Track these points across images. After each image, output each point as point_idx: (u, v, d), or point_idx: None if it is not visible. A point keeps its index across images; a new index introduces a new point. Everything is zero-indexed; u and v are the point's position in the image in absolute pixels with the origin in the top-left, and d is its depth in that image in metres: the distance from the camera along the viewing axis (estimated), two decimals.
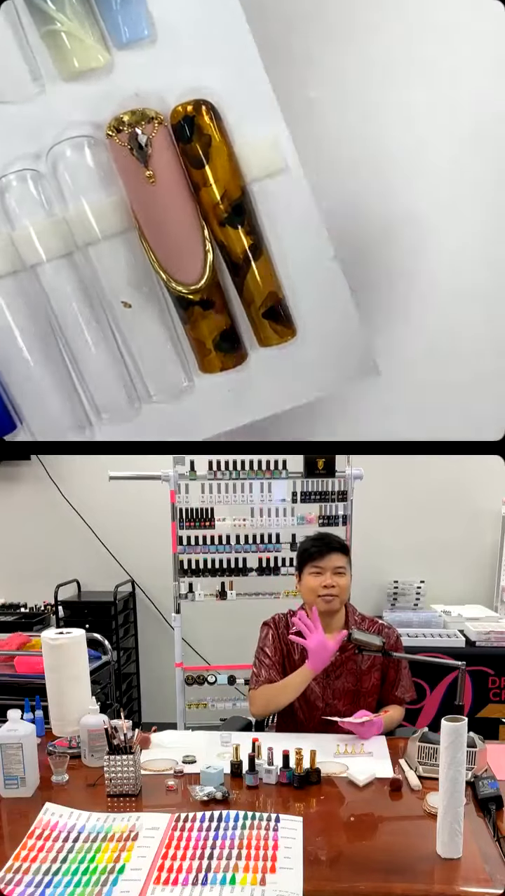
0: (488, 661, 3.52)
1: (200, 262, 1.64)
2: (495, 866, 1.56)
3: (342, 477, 3.49)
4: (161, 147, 1.58)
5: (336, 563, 2.31)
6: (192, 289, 1.65)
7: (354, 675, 2.30)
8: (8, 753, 1.88)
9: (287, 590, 3.51)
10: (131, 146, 1.57)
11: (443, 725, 1.61)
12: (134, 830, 1.69)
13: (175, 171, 1.61)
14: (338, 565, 2.31)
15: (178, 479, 3.46)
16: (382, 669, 2.33)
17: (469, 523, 4.09)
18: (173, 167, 1.60)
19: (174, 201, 1.61)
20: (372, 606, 3.95)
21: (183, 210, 1.62)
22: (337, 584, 2.29)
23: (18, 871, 1.55)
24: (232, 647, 3.50)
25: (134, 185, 1.60)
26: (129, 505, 4.01)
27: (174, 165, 1.61)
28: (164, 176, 1.60)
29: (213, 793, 1.84)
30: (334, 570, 2.30)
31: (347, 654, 2.30)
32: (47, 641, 2.12)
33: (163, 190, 1.60)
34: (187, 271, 1.64)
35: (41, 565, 4.10)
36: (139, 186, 1.60)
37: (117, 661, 3.84)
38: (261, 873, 1.52)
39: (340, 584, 2.30)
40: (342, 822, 1.78)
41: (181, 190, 1.62)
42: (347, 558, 2.35)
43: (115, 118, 1.58)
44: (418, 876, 1.56)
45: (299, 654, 2.31)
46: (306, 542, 2.42)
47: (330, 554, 2.31)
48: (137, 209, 1.62)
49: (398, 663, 2.33)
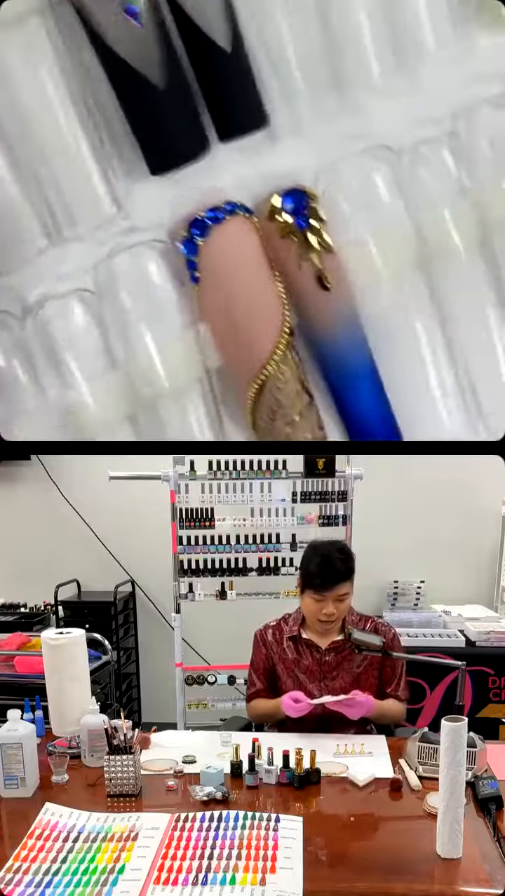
0: (488, 661, 3.51)
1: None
2: (495, 866, 1.56)
3: (342, 477, 3.49)
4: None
5: (339, 592, 2.25)
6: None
7: (350, 675, 2.30)
8: (8, 753, 1.88)
9: (287, 590, 3.50)
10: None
11: (443, 725, 1.61)
12: (134, 830, 1.69)
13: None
14: (341, 593, 2.25)
15: (178, 479, 3.46)
16: (379, 668, 2.32)
17: (469, 523, 4.08)
18: None
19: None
20: (372, 606, 3.95)
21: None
22: (337, 611, 2.26)
23: (18, 871, 1.55)
24: (232, 647, 3.48)
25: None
26: (129, 505, 4.01)
27: None
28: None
29: (213, 793, 1.84)
30: (336, 598, 2.25)
31: (344, 655, 2.30)
32: (47, 641, 2.12)
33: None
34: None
35: (41, 565, 4.10)
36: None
37: (117, 661, 3.84)
38: (261, 873, 1.52)
39: (340, 610, 2.27)
40: (342, 822, 1.78)
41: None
42: (352, 580, 2.28)
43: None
44: (418, 876, 1.56)
45: (283, 666, 2.32)
46: (312, 561, 2.28)
47: (334, 586, 2.24)
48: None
49: (394, 663, 2.32)
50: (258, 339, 1.51)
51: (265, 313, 1.51)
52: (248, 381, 1.52)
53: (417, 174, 1.54)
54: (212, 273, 1.51)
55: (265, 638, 2.38)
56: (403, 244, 1.55)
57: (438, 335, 1.59)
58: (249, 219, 1.52)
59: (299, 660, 2.32)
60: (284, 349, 1.50)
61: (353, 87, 1.53)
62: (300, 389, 1.52)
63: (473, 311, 1.58)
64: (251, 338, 1.51)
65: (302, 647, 2.33)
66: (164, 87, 1.45)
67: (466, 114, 1.54)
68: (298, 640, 2.33)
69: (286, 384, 1.50)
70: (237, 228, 1.50)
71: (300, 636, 2.33)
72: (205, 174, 1.54)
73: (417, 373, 1.59)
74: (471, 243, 1.56)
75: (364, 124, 1.54)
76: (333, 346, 1.54)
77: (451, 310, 1.59)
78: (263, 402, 1.51)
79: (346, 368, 1.55)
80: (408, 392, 1.60)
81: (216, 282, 1.51)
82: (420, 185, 1.55)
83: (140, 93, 1.46)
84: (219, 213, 1.50)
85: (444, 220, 1.54)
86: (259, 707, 2.35)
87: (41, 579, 3.96)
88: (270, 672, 2.36)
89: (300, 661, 2.31)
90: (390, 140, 1.55)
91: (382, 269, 1.54)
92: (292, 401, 1.51)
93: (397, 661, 2.32)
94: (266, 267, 1.51)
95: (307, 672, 2.30)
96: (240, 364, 1.54)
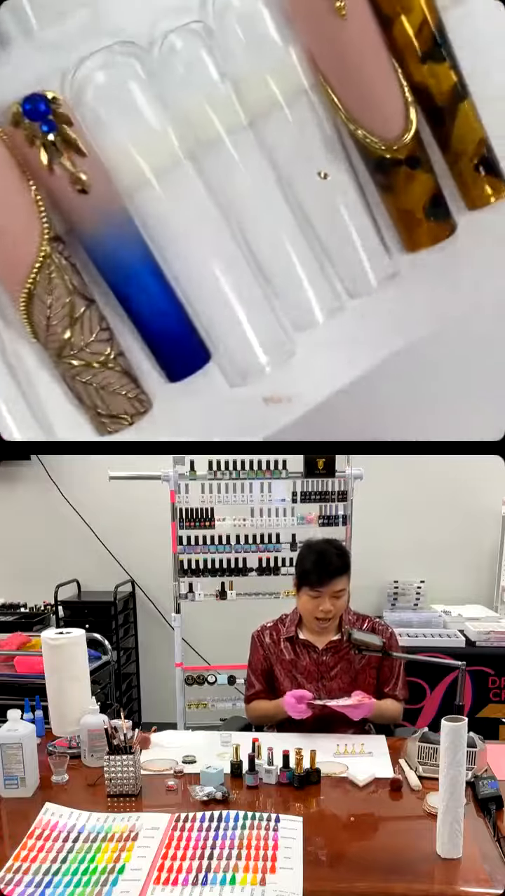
0: (488, 661, 3.51)
1: (401, 111, 1.38)
2: (495, 866, 1.56)
3: (342, 477, 3.49)
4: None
5: (335, 588, 2.25)
6: (396, 145, 1.37)
7: (349, 675, 2.30)
8: (8, 753, 1.88)
9: (287, 590, 3.50)
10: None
11: (443, 725, 1.61)
12: (134, 830, 1.69)
13: (364, 2, 1.35)
14: (337, 589, 2.25)
15: (178, 479, 3.46)
16: (378, 668, 2.32)
17: (469, 523, 4.08)
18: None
19: (367, 39, 1.34)
20: (372, 606, 3.95)
21: (377, 49, 1.35)
22: (334, 607, 2.26)
23: (18, 871, 1.55)
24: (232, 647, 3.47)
25: (318, 25, 1.34)
26: (129, 505, 4.01)
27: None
28: (354, 8, 1.32)
29: (213, 793, 1.84)
30: (333, 594, 2.25)
31: (342, 655, 2.30)
32: (47, 641, 2.12)
33: (354, 26, 1.33)
34: (387, 125, 1.38)
35: (41, 565, 4.10)
36: (325, 26, 1.34)
37: (117, 661, 3.84)
38: (261, 873, 1.52)
39: (337, 607, 2.27)
40: (342, 822, 1.78)
41: (373, 25, 1.35)
42: (348, 576, 2.29)
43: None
44: (418, 876, 1.56)
45: (280, 667, 2.32)
46: (307, 559, 2.29)
47: (330, 581, 2.24)
48: (321, 55, 1.37)
49: (392, 663, 2.31)
50: (19, 248, 1.46)
51: (23, 222, 1.46)
52: (17, 292, 1.49)
53: (170, 66, 1.48)
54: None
55: (262, 639, 2.38)
56: (161, 140, 1.49)
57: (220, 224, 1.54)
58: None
59: (297, 660, 2.31)
60: (47, 256, 1.46)
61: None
62: (72, 293, 1.49)
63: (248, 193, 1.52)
64: (11, 247, 1.47)
65: (299, 647, 2.33)
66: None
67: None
68: (295, 640, 2.33)
69: (54, 290, 1.47)
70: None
71: (297, 637, 2.33)
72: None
73: (201, 265, 1.54)
74: (235, 127, 1.49)
75: (104, 21, 1.47)
76: (104, 247, 1.50)
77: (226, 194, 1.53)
78: (35, 310, 1.49)
79: (122, 267, 1.51)
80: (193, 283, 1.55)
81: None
82: (173, 77, 1.48)
83: None
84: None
85: (203, 107, 1.48)
86: (259, 708, 2.35)
87: (41, 579, 3.95)
88: (268, 673, 2.36)
89: (297, 662, 2.31)
90: (135, 35, 1.47)
91: (143, 166, 1.49)
92: (65, 305, 1.49)
93: (395, 661, 2.32)
94: (17, 175, 1.45)
95: (305, 672, 2.30)
96: (7, 275, 1.50)
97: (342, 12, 1.33)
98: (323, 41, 1.37)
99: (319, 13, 1.35)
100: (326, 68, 1.40)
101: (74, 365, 1.52)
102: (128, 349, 1.58)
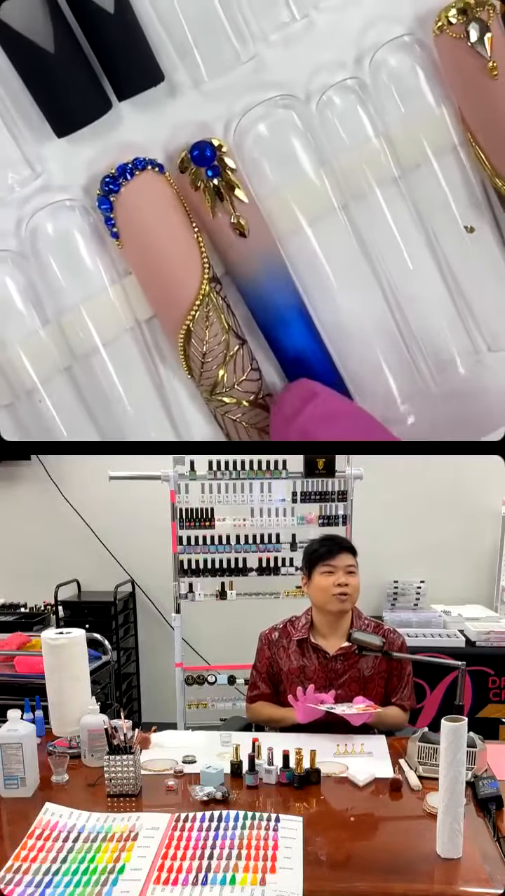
0: (488, 661, 3.51)
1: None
2: (495, 866, 1.56)
3: (342, 477, 3.49)
4: (499, 34, 1.42)
5: (347, 562, 2.30)
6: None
7: (358, 683, 2.28)
8: (8, 753, 1.88)
9: (287, 590, 3.51)
10: (469, 37, 1.41)
11: (443, 725, 1.61)
12: (134, 830, 1.69)
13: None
14: (349, 563, 2.30)
15: (178, 479, 3.46)
16: (386, 678, 2.31)
17: (469, 523, 4.08)
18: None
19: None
20: (372, 606, 3.94)
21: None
22: (350, 583, 2.28)
23: (18, 871, 1.55)
24: (232, 647, 3.50)
25: (470, 84, 1.45)
26: (129, 505, 4.01)
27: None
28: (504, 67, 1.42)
29: (213, 793, 1.84)
30: (346, 569, 2.29)
31: (351, 663, 2.29)
32: (47, 641, 2.12)
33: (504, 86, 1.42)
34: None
35: (41, 565, 4.10)
36: (477, 85, 1.44)
37: (117, 661, 3.84)
38: (261, 873, 1.52)
39: (352, 584, 2.28)
40: (342, 822, 1.78)
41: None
42: (356, 559, 2.34)
43: (444, 9, 1.45)
44: (418, 876, 1.56)
45: (286, 671, 2.31)
46: (314, 543, 2.41)
47: (341, 553, 2.30)
48: (471, 113, 1.47)
49: (401, 671, 2.31)
50: (180, 287, 1.54)
51: (185, 262, 1.54)
52: (176, 329, 1.57)
53: (326, 119, 1.58)
54: (129, 227, 1.54)
55: (270, 640, 2.37)
56: (316, 189, 1.59)
57: (365, 269, 1.62)
58: (160, 173, 1.55)
59: (305, 666, 2.30)
60: (206, 295, 1.54)
61: (250, 38, 1.56)
62: (227, 332, 1.56)
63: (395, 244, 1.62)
64: (174, 286, 1.55)
65: (308, 651, 2.31)
66: (57, 53, 1.47)
67: (366, 56, 1.57)
68: (306, 643, 2.32)
69: (211, 328, 1.54)
70: (148, 183, 1.53)
71: (309, 639, 2.32)
72: (111, 133, 1.57)
73: (348, 312, 1.62)
74: (386, 180, 1.59)
75: (266, 74, 1.57)
76: (258, 289, 1.58)
77: (374, 245, 1.62)
78: (192, 347, 1.56)
79: (274, 309, 1.59)
80: (338, 329, 1.63)
81: (134, 235, 1.54)
82: (329, 129, 1.58)
83: (35, 61, 1.48)
84: (128, 168, 1.53)
85: (357, 160, 1.58)
86: (264, 711, 2.34)
87: (41, 579, 3.96)
88: (273, 676, 2.35)
89: (305, 668, 2.30)
90: (295, 88, 1.58)
91: (298, 213, 1.58)
92: (220, 343, 1.56)
93: (404, 670, 2.32)
94: (183, 218, 1.55)
95: (313, 679, 2.27)
96: (168, 313, 1.58)
97: (494, 73, 1.42)
98: (473, 100, 1.47)
99: (470, 72, 1.45)
100: (475, 126, 1.49)
101: (226, 402, 1.60)
102: (273, 390, 1.65)
